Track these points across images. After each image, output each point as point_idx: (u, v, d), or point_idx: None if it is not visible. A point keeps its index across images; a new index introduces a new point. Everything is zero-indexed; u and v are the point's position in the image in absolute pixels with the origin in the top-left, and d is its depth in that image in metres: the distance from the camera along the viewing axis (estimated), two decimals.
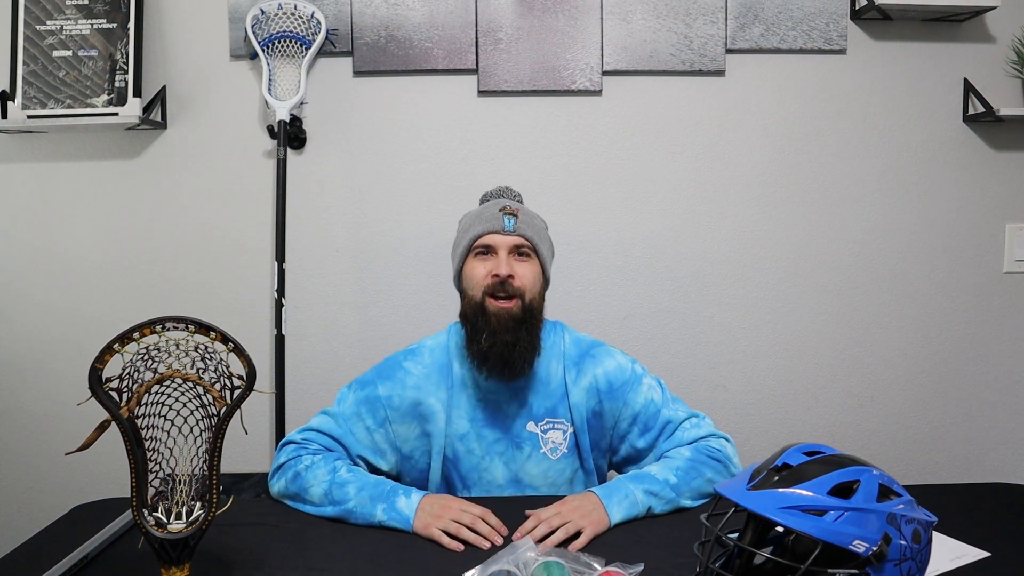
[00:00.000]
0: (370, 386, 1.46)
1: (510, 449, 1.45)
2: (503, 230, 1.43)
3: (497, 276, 1.40)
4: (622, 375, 1.47)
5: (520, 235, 1.43)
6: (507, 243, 1.42)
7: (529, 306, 1.42)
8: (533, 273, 1.44)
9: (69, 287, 2.01)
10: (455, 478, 1.46)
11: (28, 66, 1.89)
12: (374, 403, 1.44)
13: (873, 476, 0.93)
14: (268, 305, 1.99)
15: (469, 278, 1.44)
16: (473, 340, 1.41)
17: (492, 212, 1.46)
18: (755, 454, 1.88)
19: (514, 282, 1.41)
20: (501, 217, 1.44)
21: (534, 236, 1.46)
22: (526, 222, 1.46)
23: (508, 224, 1.43)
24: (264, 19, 1.91)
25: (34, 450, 2.04)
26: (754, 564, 0.99)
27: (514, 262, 1.42)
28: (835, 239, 2.04)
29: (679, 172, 2.02)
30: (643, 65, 1.97)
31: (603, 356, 1.49)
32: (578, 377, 1.47)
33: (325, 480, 1.34)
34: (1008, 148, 2.03)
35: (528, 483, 1.46)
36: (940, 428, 2.09)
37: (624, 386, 1.46)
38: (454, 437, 1.45)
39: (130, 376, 1.00)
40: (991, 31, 2.01)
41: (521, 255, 1.44)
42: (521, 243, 1.43)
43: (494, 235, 1.43)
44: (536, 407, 1.46)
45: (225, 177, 1.99)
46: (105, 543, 1.20)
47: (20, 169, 1.99)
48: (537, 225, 1.50)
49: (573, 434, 1.46)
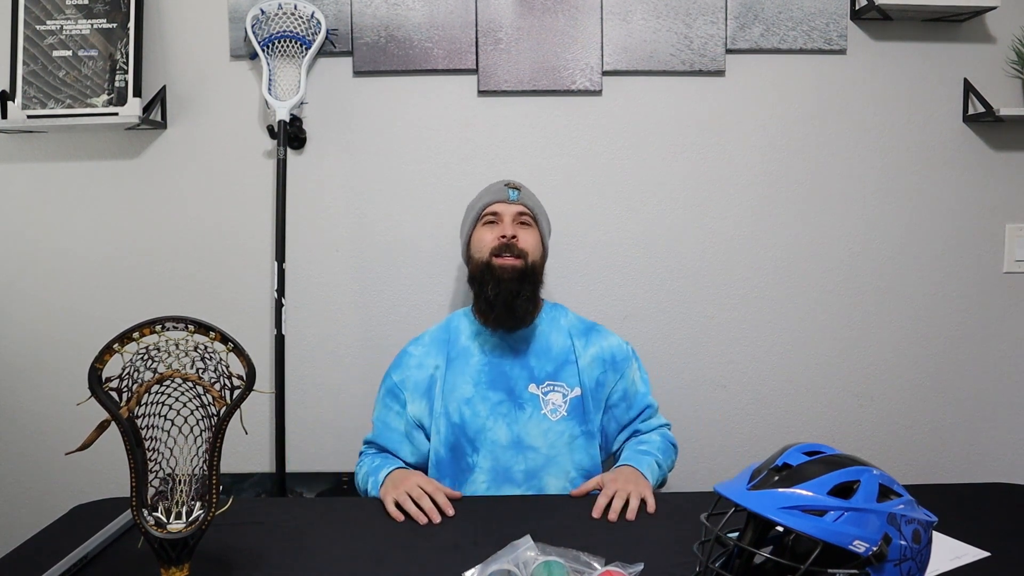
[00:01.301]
0: (388, 378, 1.64)
1: (513, 410, 1.56)
2: (508, 199, 1.63)
3: (504, 237, 1.58)
4: (622, 351, 1.65)
5: (523, 203, 1.64)
6: (511, 210, 1.62)
7: (531, 265, 1.60)
8: (534, 238, 1.63)
9: (69, 287, 2.01)
10: (463, 441, 1.56)
11: (28, 66, 1.89)
12: (393, 390, 1.62)
13: (873, 476, 0.93)
14: (268, 305, 1.99)
15: (477, 243, 1.62)
16: (480, 295, 1.59)
17: (498, 186, 1.67)
18: (755, 454, 1.89)
19: (518, 243, 1.59)
20: (506, 190, 1.65)
21: (535, 207, 1.67)
22: (528, 195, 1.68)
23: (512, 195, 1.64)
24: (264, 19, 1.91)
25: (34, 450, 2.04)
26: (754, 564, 0.99)
27: (518, 228, 1.61)
28: (835, 239, 2.04)
29: (679, 172, 2.02)
30: (643, 65, 1.97)
31: (606, 333, 1.68)
32: (587, 345, 1.63)
33: (360, 474, 1.58)
34: (1008, 148, 2.03)
35: (529, 444, 1.55)
36: (940, 428, 2.09)
37: (623, 362, 1.64)
38: (460, 401, 1.57)
39: (130, 376, 1.00)
40: (991, 31, 2.01)
41: (523, 223, 1.63)
42: (523, 211, 1.63)
43: (500, 204, 1.63)
44: (538, 370, 1.59)
45: (225, 177, 1.99)
46: (105, 543, 1.20)
47: (20, 169, 1.99)
48: (537, 201, 1.70)
49: (576, 398, 1.58)
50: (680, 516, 1.32)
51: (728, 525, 0.94)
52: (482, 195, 1.68)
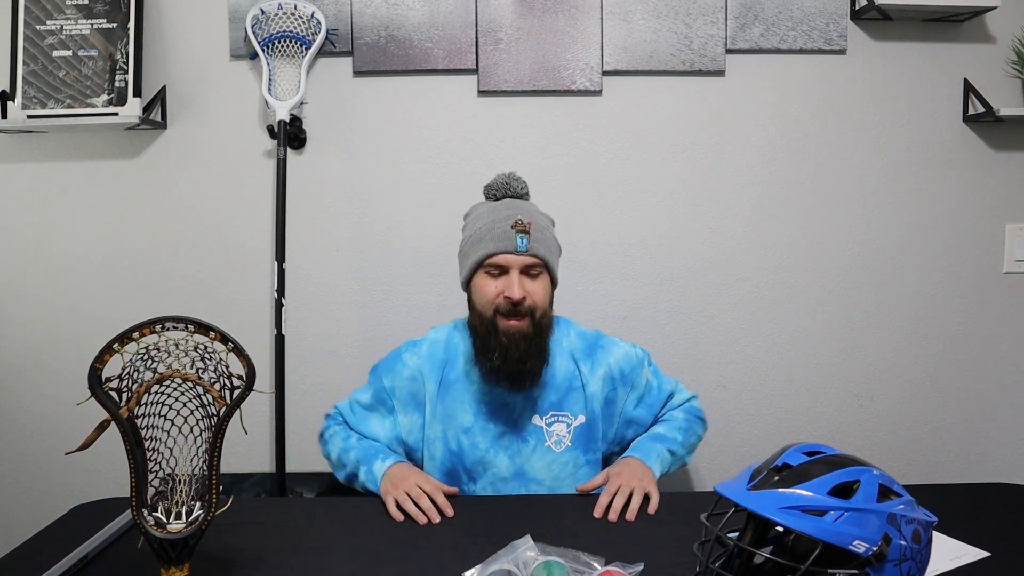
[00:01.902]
0: (378, 379, 1.56)
1: (515, 443, 1.48)
2: (515, 250, 1.40)
3: (509, 299, 1.39)
4: (630, 361, 1.55)
5: (533, 255, 1.41)
6: (519, 263, 1.41)
7: (539, 322, 1.43)
8: (544, 289, 1.45)
9: (69, 287, 2.01)
10: (460, 470, 1.48)
11: (28, 66, 1.89)
12: (381, 394, 1.54)
13: (873, 476, 0.93)
14: (268, 305, 1.99)
15: (479, 294, 1.44)
16: (483, 356, 1.43)
17: (504, 229, 1.41)
18: (755, 454, 1.89)
19: (526, 302, 1.40)
20: (514, 236, 1.40)
21: (546, 254, 1.44)
22: (538, 239, 1.43)
23: (521, 244, 1.40)
24: (264, 19, 1.91)
25: (34, 450, 2.04)
26: (754, 564, 0.99)
27: (526, 281, 1.42)
28: (835, 239, 2.04)
29: (679, 172, 2.01)
30: (643, 65, 1.97)
31: (611, 346, 1.56)
32: (593, 368, 1.52)
33: (339, 447, 1.50)
34: (1008, 148, 2.03)
35: (532, 476, 1.48)
36: (940, 428, 2.09)
37: (633, 371, 1.55)
38: (459, 430, 1.48)
39: (130, 376, 1.00)
40: (991, 31, 2.00)
41: (533, 275, 1.43)
42: (534, 262, 1.42)
43: (506, 255, 1.40)
44: (542, 400, 1.49)
45: (225, 177, 1.99)
46: (105, 543, 1.20)
47: (20, 169, 1.99)
48: (547, 237, 1.47)
49: (581, 426, 1.50)
50: (680, 516, 1.32)
51: (728, 525, 0.94)
52: (484, 237, 1.43)
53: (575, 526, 1.29)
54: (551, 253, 1.47)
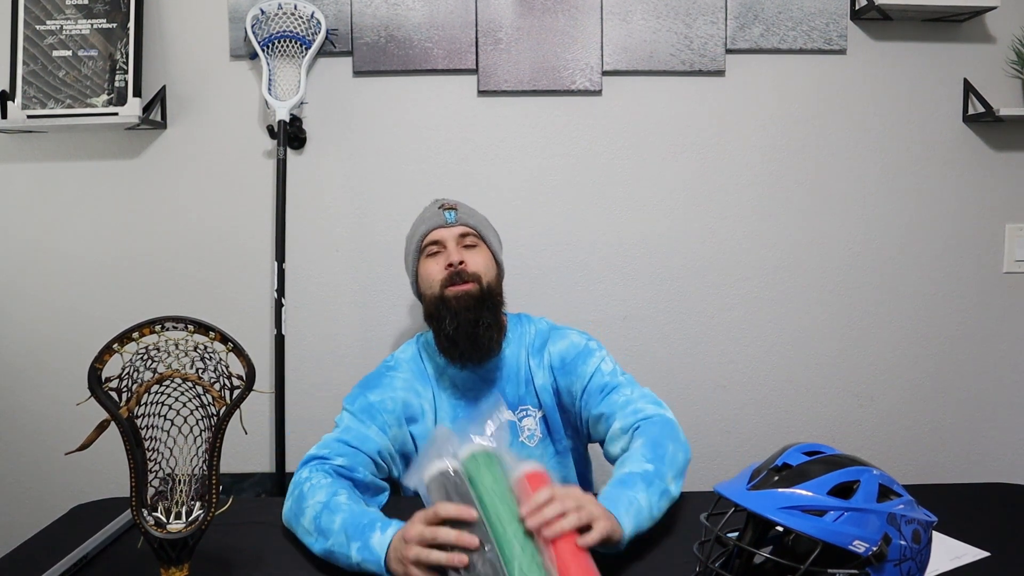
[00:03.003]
0: (360, 398, 1.41)
1: None
2: (445, 223, 1.49)
3: (451, 266, 1.44)
4: (574, 350, 1.49)
5: (463, 224, 1.50)
6: (453, 234, 1.48)
7: (487, 288, 1.46)
8: (484, 258, 1.49)
9: (69, 287, 2.01)
10: None
11: (28, 66, 1.89)
12: (370, 409, 1.40)
13: (873, 476, 0.93)
14: (268, 305, 1.99)
15: (425, 278, 1.49)
16: (439, 332, 1.44)
17: (432, 211, 1.53)
18: (755, 454, 1.89)
19: (467, 268, 1.45)
20: (441, 213, 1.51)
21: (477, 224, 1.52)
22: (467, 212, 1.53)
23: (449, 217, 1.50)
24: (264, 19, 1.91)
25: (34, 450, 2.04)
26: (754, 564, 0.99)
27: (464, 251, 1.47)
28: (835, 239, 2.04)
29: (679, 172, 2.01)
30: (643, 65, 1.97)
31: (558, 337, 1.53)
32: (540, 362, 1.51)
33: (320, 502, 1.18)
34: (1008, 148, 2.03)
35: None
36: (940, 428, 2.09)
37: (576, 359, 1.48)
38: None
39: (130, 376, 1.00)
40: (991, 31, 2.00)
41: (469, 246, 1.49)
42: (466, 231, 1.49)
43: (439, 230, 1.49)
44: (509, 395, 1.49)
45: (225, 177, 1.99)
46: (105, 543, 1.20)
47: (20, 169, 1.99)
48: (479, 216, 1.56)
49: (543, 418, 1.49)
50: (680, 516, 1.31)
51: (728, 525, 0.94)
52: (417, 224, 1.55)
53: None
54: (484, 227, 1.54)
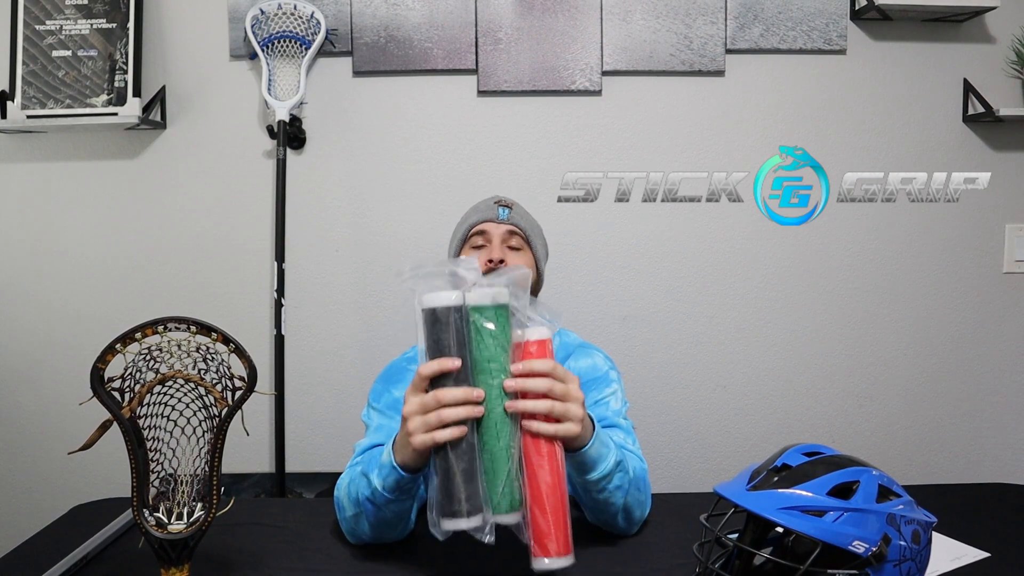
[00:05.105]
0: (385, 394, 1.37)
1: None
2: (497, 219, 1.46)
3: (491, 262, 1.39)
4: (594, 372, 1.40)
5: (514, 224, 1.46)
6: (500, 231, 1.45)
7: None
8: (526, 263, 1.44)
9: (69, 287, 2.01)
10: None
11: (28, 66, 1.88)
12: (397, 405, 1.29)
13: (873, 476, 0.93)
14: (268, 305, 1.99)
15: None
16: None
17: (487, 204, 1.51)
18: (755, 454, 1.88)
19: (506, 266, 1.39)
20: (495, 207, 1.48)
21: (527, 228, 1.49)
22: (520, 214, 1.50)
23: (502, 214, 1.47)
24: (264, 19, 1.91)
25: (34, 450, 2.04)
26: (754, 565, 0.99)
27: (507, 251, 1.44)
28: (835, 239, 2.04)
29: (679, 172, 2.01)
30: (643, 65, 1.97)
31: (583, 354, 1.44)
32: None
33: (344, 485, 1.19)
34: (1008, 148, 2.03)
35: None
36: (940, 428, 2.09)
37: (592, 381, 1.38)
38: None
39: (132, 376, 1.00)
40: (991, 31, 2.01)
41: (513, 247, 1.46)
42: (514, 230, 1.46)
43: (488, 223, 1.46)
44: None
45: (225, 177, 1.99)
46: (105, 543, 1.21)
47: (20, 169, 1.99)
48: (532, 221, 1.53)
49: None
50: (680, 516, 1.31)
51: (728, 526, 0.94)
52: (469, 214, 1.53)
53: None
54: (534, 233, 1.51)
